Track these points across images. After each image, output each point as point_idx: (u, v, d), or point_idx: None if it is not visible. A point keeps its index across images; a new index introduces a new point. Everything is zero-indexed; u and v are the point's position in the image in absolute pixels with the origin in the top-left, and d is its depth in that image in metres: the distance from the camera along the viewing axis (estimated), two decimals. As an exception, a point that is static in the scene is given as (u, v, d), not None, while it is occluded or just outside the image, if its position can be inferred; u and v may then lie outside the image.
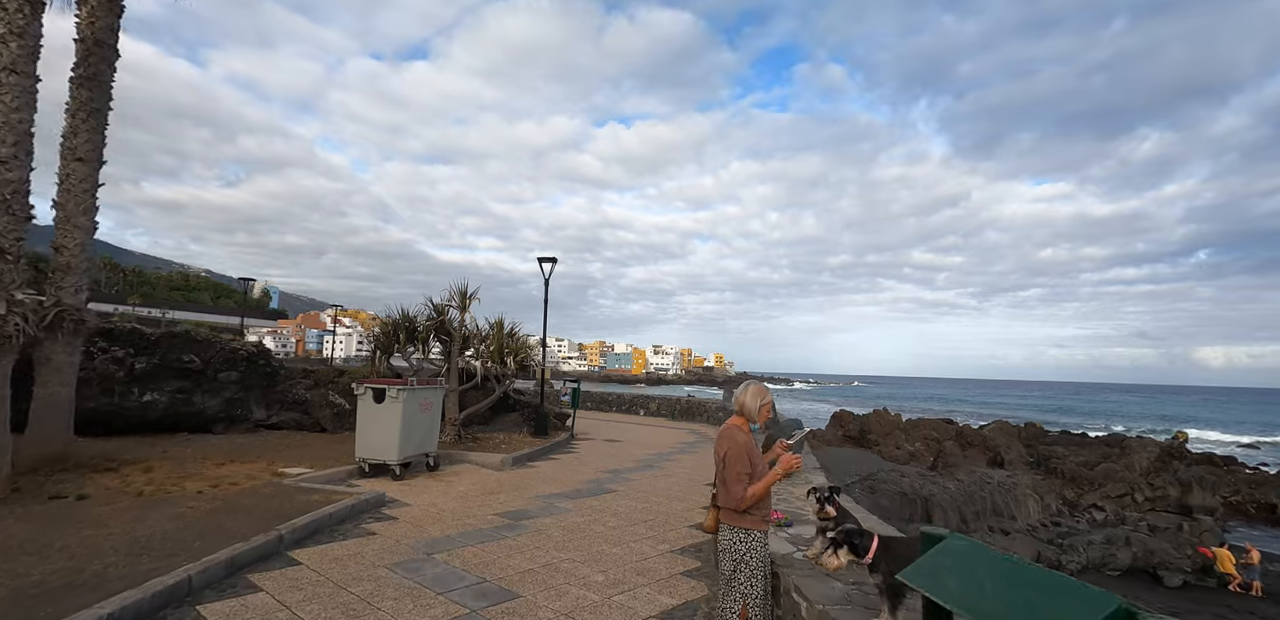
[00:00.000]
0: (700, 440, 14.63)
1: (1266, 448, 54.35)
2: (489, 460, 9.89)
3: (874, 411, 39.57)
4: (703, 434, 16.13)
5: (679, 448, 13.11)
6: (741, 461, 3.05)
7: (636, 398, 22.38)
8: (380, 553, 5.13)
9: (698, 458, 11.67)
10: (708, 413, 19.11)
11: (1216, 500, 27.80)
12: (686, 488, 8.61)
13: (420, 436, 8.65)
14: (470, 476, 8.83)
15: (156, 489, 6.28)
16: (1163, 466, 30.16)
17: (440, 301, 11.33)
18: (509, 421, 13.20)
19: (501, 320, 11.90)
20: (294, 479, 7.33)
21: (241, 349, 10.63)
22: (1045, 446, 40.14)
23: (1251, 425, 78.69)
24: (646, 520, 6.66)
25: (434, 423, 8.98)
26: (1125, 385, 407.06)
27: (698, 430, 16.95)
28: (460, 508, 6.86)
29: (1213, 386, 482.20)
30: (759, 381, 3.36)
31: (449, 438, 10.97)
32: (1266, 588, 18.46)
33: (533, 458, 10.65)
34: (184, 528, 5.12)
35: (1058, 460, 36.31)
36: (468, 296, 11.31)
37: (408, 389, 8.27)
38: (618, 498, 7.78)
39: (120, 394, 9.31)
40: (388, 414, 8.18)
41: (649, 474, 9.66)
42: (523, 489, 8.09)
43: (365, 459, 8.26)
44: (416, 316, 11.31)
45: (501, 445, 11.15)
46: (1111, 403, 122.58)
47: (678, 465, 10.64)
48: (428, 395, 8.79)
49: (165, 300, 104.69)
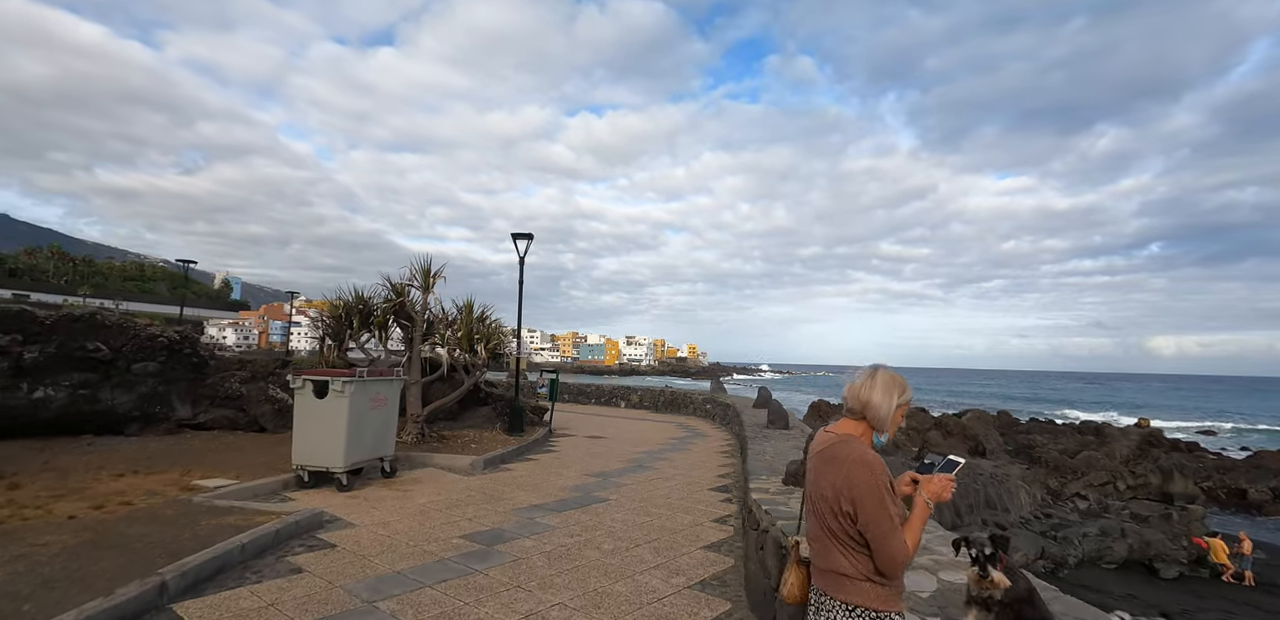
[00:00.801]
0: (691, 435, 13.45)
1: (1222, 434, 55.78)
2: (456, 463, 8.54)
3: (854, 401, 39.05)
4: (691, 427, 14.96)
5: (669, 444, 11.91)
6: (887, 501, 1.79)
7: (617, 389, 21.13)
8: (304, 602, 3.79)
9: (692, 456, 10.48)
10: (693, 405, 17.97)
11: (1196, 488, 27.89)
12: (688, 493, 7.40)
13: (372, 437, 7.26)
14: (434, 484, 7.48)
15: (12, 514, 4.80)
16: (1142, 454, 30.23)
17: (400, 281, 9.87)
18: (480, 417, 11.83)
19: (471, 303, 10.49)
20: (209, 494, 5.90)
21: (162, 336, 9.05)
22: (1023, 435, 40.23)
23: (1204, 411, 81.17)
24: (650, 540, 5.42)
25: (389, 421, 7.60)
26: (1083, 373, 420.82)
27: (686, 424, 15.78)
28: (418, 528, 5.52)
29: (1165, 374, 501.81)
30: (885, 367, 2.05)
31: (410, 437, 9.58)
32: (1258, 577, 18.21)
33: (507, 459, 9.33)
34: (23, 575, 3.70)
35: (1038, 449, 36.30)
36: (431, 275, 9.87)
37: (356, 381, 6.87)
38: (610, 509, 6.53)
39: (4, 389, 7.69)
40: (331, 411, 6.77)
41: (642, 477, 8.43)
42: (496, 499, 6.78)
43: (304, 466, 6.85)
44: (372, 298, 9.83)
45: (471, 444, 9.80)
46: (1071, 391, 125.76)
47: (672, 465, 9.44)
48: (381, 389, 7.39)
49: (119, 291, 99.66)
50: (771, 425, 9.00)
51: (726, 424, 14.78)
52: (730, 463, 9.85)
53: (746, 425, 9.41)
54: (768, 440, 7.64)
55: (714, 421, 16.16)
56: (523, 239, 11.85)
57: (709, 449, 11.36)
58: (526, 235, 11.78)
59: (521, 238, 11.84)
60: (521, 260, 11.97)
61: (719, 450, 11.26)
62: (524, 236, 11.80)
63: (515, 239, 11.87)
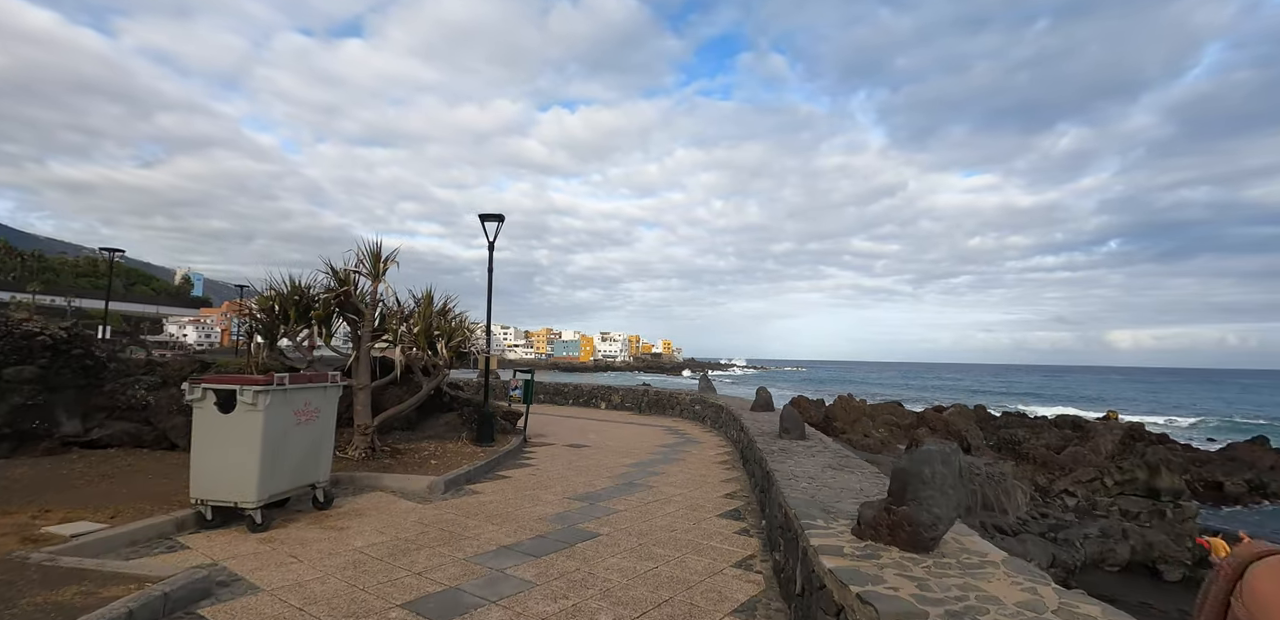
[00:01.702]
0: (682, 441, 12.11)
1: (1185, 426, 56.71)
2: (411, 485, 7.06)
3: (839, 398, 38.17)
4: (681, 432, 13.63)
5: (660, 453, 10.56)
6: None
7: (597, 389, 19.70)
8: None
9: (689, 468, 9.15)
10: (680, 405, 16.64)
11: (1182, 483, 27.62)
12: (694, 523, 6.06)
13: (299, 460, 5.75)
14: (379, 516, 6.00)
15: None
16: (1126, 449, 29.98)
17: (344, 267, 8.31)
18: (443, 425, 10.32)
19: (431, 294, 8.94)
20: (60, 547, 4.35)
21: (44, 334, 7.35)
22: (1004, 430, 39.93)
23: (1163, 404, 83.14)
24: (659, 602, 4.04)
25: (323, 438, 6.09)
26: (1047, 367, 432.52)
27: (674, 427, 14.45)
28: (345, 592, 4.06)
29: (1122, 366, 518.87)
30: None
31: (358, 452, 8.05)
32: (1259, 577, 17.66)
33: (475, 477, 7.87)
34: None
35: (1019, 444, 35.95)
36: (382, 260, 8.33)
37: (274, 390, 5.35)
38: (603, 550, 5.14)
39: None
40: (240, 429, 5.25)
41: (635, 499, 7.05)
42: (457, 538, 5.34)
43: (206, 500, 5.31)
44: (311, 288, 8.25)
45: (431, 460, 8.30)
46: (1035, 384, 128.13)
47: (668, 481, 8.09)
48: (312, 398, 5.87)
49: (71, 288, 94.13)
50: (786, 434, 7.70)
51: (720, 427, 13.49)
52: (734, 476, 8.55)
53: (753, 434, 8.10)
54: (789, 456, 6.33)
55: (704, 424, 14.87)
56: (491, 220, 10.35)
57: (705, 459, 10.05)
58: (495, 216, 10.28)
59: (490, 219, 10.34)
60: (491, 245, 10.48)
61: (717, 460, 9.95)
62: (492, 218, 10.30)
63: (484, 221, 10.37)
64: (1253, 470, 33.89)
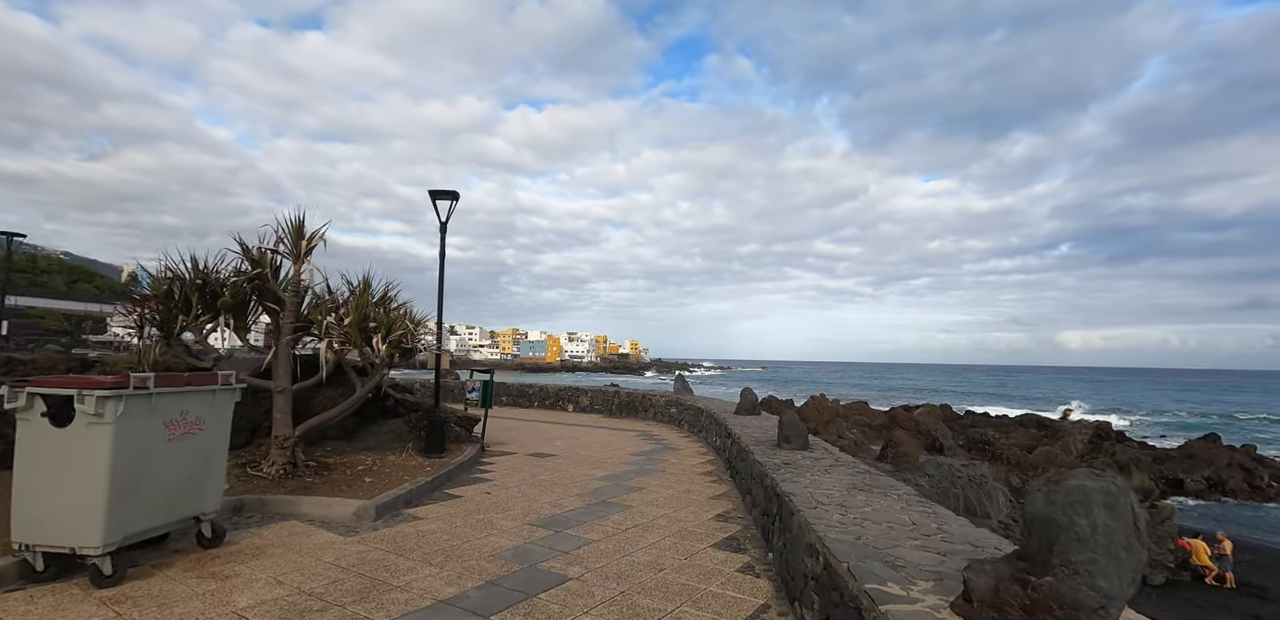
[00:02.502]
0: (658, 448, 10.96)
1: (1138, 424, 58.18)
2: (334, 512, 5.73)
3: (811, 398, 37.52)
4: (656, 437, 12.47)
5: (635, 462, 9.39)
6: None
7: (564, 390, 18.39)
8: None
9: (670, 480, 8.00)
10: (654, 408, 15.48)
11: (1151, 482, 27.73)
12: (686, 558, 4.89)
13: (174, 487, 4.39)
14: (284, 556, 4.67)
15: None
16: (1094, 448, 30.08)
17: (261, 245, 6.89)
18: (387, 433, 8.94)
19: (369, 280, 7.57)
20: None
21: None
22: (973, 429, 39.94)
23: (1113, 402, 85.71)
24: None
25: (210, 457, 4.73)
26: (1003, 367, 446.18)
27: (648, 432, 13.28)
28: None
29: (1074, 366, 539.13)
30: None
31: (276, 469, 6.65)
32: (1238, 577, 17.44)
33: (417, 498, 6.56)
34: None
35: (990, 444, 35.89)
36: (306, 237, 6.94)
37: (132, 395, 3.99)
38: (572, 602, 3.92)
39: None
40: (80, 448, 3.88)
41: (610, 524, 5.85)
42: (379, 590, 4.06)
43: (33, 545, 3.93)
44: (217, 270, 6.81)
45: (365, 478, 6.95)
46: (994, 384, 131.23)
47: (648, 499, 6.92)
48: (192, 406, 4.51)
49: (7, 284, 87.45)
50: (786, 443, 6.60)
51: (699, 432, 12.38)
52: (723, 491, 7.43)
53: (745, 443, 6.98)
54: (799, 472, 5.22)
55: (681, 429, 13.74)
56: (443, 198, 9.01)
57: (687, 469, 8.91)
58: (448, 193, 8.94)
59: (442, 197, 8.99)
60: (443, 226, 9.13)
61: (699, 469, 8.83)
62: (444, 195, 8.96)
63: (434, 198, 9.01)
64: (1210, 467, 34.44)
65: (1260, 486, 32.33)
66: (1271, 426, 57.49)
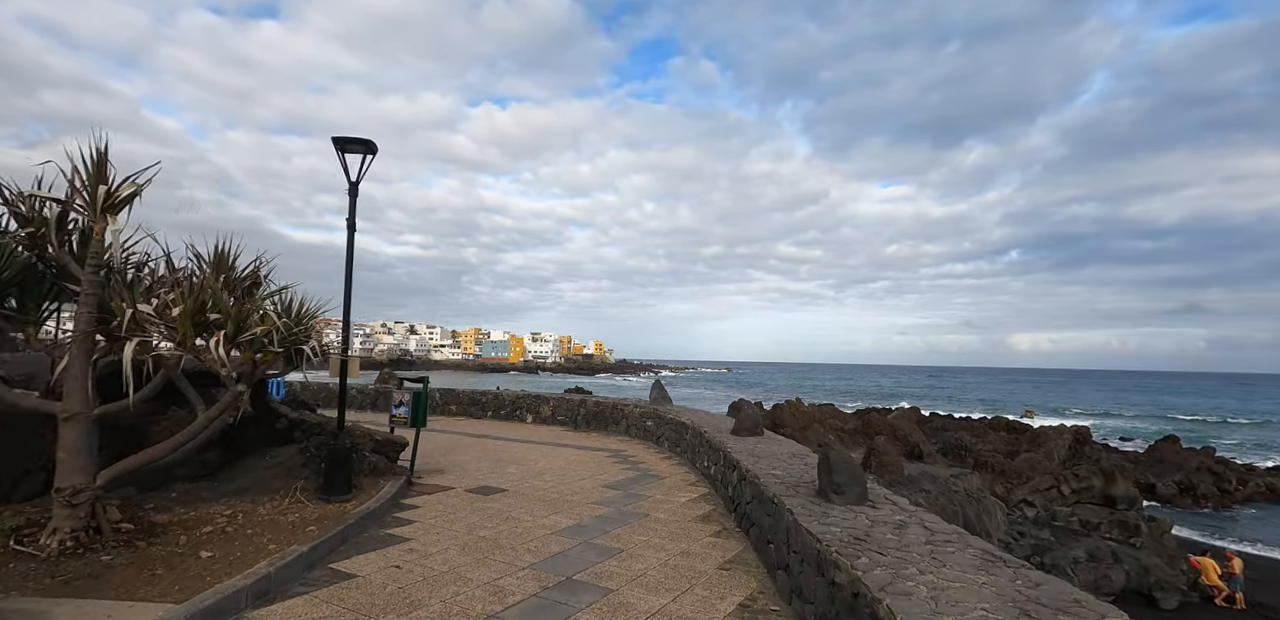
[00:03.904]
0: (637, 476, 8.80)
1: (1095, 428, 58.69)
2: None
3: (786, 402, 35.88)
4: (633, 459, 10.30)
5: (609, 500, 7.22)
6: None
7: (522, 398, 16.04)
8: None
9: (659, 534, 5.84)
10: (627, 420, 13.30)
11: (1135, 490, 26.85)
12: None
13: None
14: None
15: None
16: (1075, 454, 29.22)
17: (33, 193, 4.47)
18: (271, 468, 6.54)
19: (225, 250, 5.19)
20: None
21: None
22: (948, 433, 38.97)
23: (1066, 403, 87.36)
24: None
25: None
26: (956, 368, 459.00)
27: (622, 451, 11.09)
28: None
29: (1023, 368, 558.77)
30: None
31: (57, 542, 4.26)
32: (1249, 598, 16.27)
33: (278, 586, 4.23)
34: None
35: (967, 450, 34.86)
36: (112, 183, 4.54)
37: None
38: None
39: None
40: None
41: (580, 634, 3.68)
42: None
43: None
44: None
45: (203, 549, 4.59)
46: (954, 387, 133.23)
47: (631, 572, 4.76)
48: None
49: None
50: (838, 493, 4.51)
51: (683, 453, 10.28)
52: (735, 551, 5.33)
53: (769, 489, 4.90)
54: (897, 562, 3.14)
55: (659, 447, 11.60)
56: (355, 150, 6.64)
57: (677, 510, 6.78)
58: (360, 143, 6.56)
59: (352, 148, 6.62)
60: (354, 188, 6.77)
61: (694, 511, 6.71)
62: (355, 146, 6.58)
63: (341, 151, 6.63)
64: (1181, 472, 34.09)
65: (1229, 490, 32.01)
66: (1219, 428, 58.82)
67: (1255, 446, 46.24)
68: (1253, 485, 32.48)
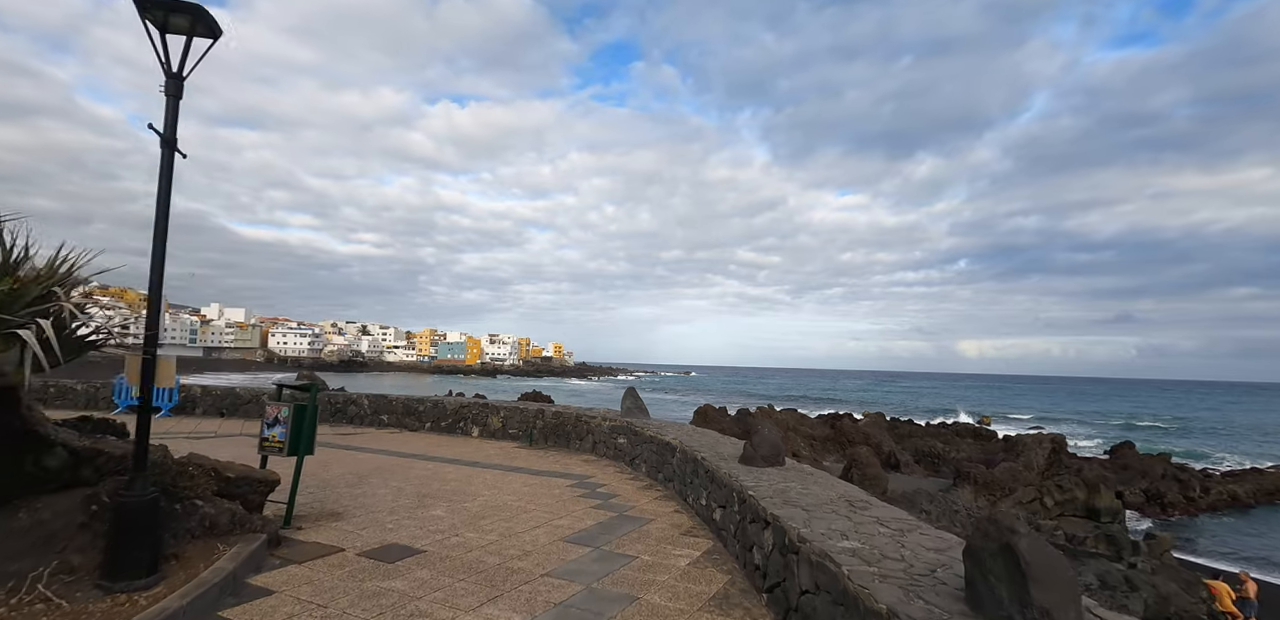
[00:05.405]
0: (612, 519, 6.48)
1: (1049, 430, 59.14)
2: None
3: (758, 409, 34.01)
4: (604, 492, 7.96)
5: (575, 567, 4.91)
6: None
7: (467, 407, 13.50)
8: None
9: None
10: (594, 435, 10.96)
11: (1118, 502, 25.89)
12: None
13: None
14: None
15: None
16: (1054, 464, 28.27)
17: None
18: (30, 532, 4.01)
19: None
20: None
21: None
22: (919, 439, 37.80)
23: (1015, 408, 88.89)
24: None
25: None
26: (908, 373, 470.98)
27: (590, 478, 8.74)
28: None
29: (969, 373, 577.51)
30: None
31: None
32: (1264, 625, 14.97)
33: None
34: None
35: (940, 458, 33.65)
36: None
37: None
38: None
39: None
40: None
41: None
42: None
43: None
44: None
45: None
46: (905, 391, 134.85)
47: None
48: None
49: None
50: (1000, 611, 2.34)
51: (668, 482, 8.00)
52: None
53: (876, 595, 2.71)
54: None
55: (635, 470, 9.31)
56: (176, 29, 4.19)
57: (677, 583, 4.49)
58: (185, 10, 4.13)
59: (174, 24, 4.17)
60: (177, 79, 4.31)
61: (703, 589, 4.42)
62: (178, 15, 4.15)
63: (158, 25, 4.18)
64: (1146, 479, 33.61)
65: (1194, 498, 31.59)
66: (1164, 434, 60.01)
67: (1202, 452, 47.13)
68: (1215, 493, 32.13)
